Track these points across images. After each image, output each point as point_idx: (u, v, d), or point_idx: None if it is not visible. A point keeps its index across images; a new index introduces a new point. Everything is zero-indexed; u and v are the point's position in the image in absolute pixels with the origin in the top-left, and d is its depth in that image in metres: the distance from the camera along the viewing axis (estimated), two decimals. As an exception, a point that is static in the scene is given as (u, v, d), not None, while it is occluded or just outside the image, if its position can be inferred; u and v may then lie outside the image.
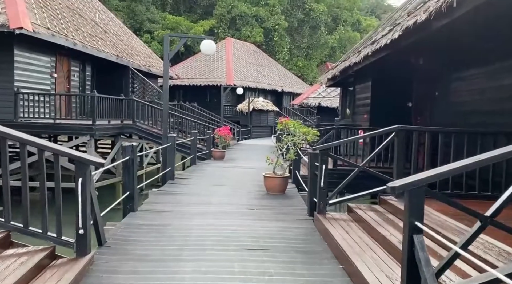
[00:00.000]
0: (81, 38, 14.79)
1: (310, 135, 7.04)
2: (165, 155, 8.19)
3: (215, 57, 35.55)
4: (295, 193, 7.40)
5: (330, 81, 13.23)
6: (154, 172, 19.19)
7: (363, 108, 11.08)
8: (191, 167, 10.91)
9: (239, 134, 25.56)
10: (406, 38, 6.48)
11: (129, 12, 40.52)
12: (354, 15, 53.84)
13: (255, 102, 27.57)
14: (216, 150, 13.53)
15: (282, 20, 43.26)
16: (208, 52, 8.05)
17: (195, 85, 32.50)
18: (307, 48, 48.56)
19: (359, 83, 11.51)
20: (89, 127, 12.54)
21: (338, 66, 11.30)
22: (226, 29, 42.13)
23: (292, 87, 39.49)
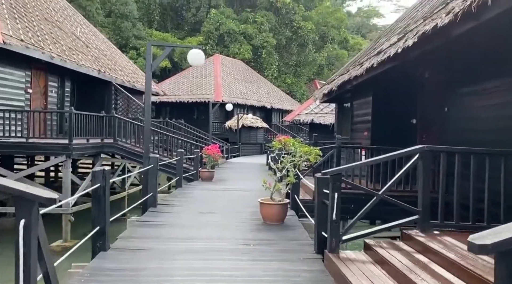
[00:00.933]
0: (59, 52, 13.84)
1: (312, 155, 6.16)
2: (146, 178, 7.20)
3: (203, 73, 34.86)
4: (295, 221, 6.46)
5: (325, 97, 12.49)
6: (137, 194, 18.05)
7: (362, 125, 10.30)
8: (176, 190, 9.90)
9: (228, 152, 24.62)
10: (421, 45, 5.73)
11: (115, 28, 39.78)
12: (342, 33, 54.03)
13: (244, 118, 26.76)
14: (204, 170, 12.56)
15: (271, 37, 42.99)
16: (196, 62, 7.19)
17: (182, 102, 31.64)
18: (295, 66, 48.31)
19: (357, 99, 10.76)
20: (65, 146, 11.48)
21: (335, 81, 10.56)
22: (214, 46, 41.62)
23: (281, 104, 38.90)
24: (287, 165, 6.18)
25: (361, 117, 10.44)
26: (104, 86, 17.81)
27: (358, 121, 10.70)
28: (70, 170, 11.61)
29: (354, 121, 11.08)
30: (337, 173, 4.30)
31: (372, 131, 9.61)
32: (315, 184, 4.81)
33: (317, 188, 4.78)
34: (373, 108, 9.60)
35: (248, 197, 9.04)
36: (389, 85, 9.36)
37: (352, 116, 11.26)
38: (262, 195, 9.20)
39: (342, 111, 12.64)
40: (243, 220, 6.57)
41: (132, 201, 18.13)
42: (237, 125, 26.71)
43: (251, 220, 6.52)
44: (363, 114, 10.32)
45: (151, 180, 7.18)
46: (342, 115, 12.66)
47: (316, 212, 4.82)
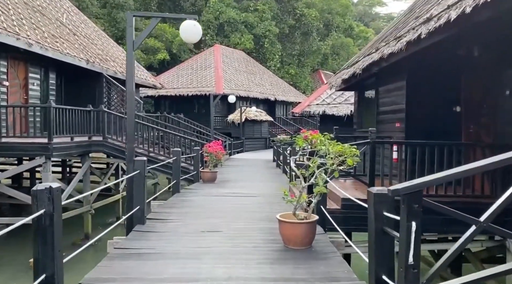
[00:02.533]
0: (39, 38, 12.21)
1: (350, 156, 4.55)
2: (131, 188, 5.61)
3: (203, 65, 33.17)
4: (327, 244, 4.85)
5: (343, 84, 10.84)
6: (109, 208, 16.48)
7: (393, 115, 8.67)
8: (173, 197, 8.30)
9: (231, 147, 23.03)
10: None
11: (110, 19, 38.03)
12: (347, 20, 52.12)
13: (247, 112, 25.13)
14: (206, 171, 10.97)
15: (273, 26, 41.15)
16: (191, 38, 5.56)
17: (182, 95, 30.02)
18: (299, 55, 46.53)
19: (385, 84, 9.11)
20: (44, 146, 9.90)
21: (358, 63, 8.91)
22: (214, 36, 39.86)
23: (285, 95, 37.21)
24: (317, 171, 4.57)
25: (391, 106, 8.80)
26: (94, 78, 16.21)
27: (387, 111, 9.06)
28: (50, 173, 10.04)
29: (381, 111, 9.44)
30: (415, 189, 2.69)
31: (406, 122, 7.98)
32: (371, 204, 3.20)
33: (373, 209, 3.17)
34: (407, 94, 7.96)
35: (259, 205, 7.45)
36: (427, 67, 7.72)
37: (377, 105, 9.62)
38: (275, 202, 7.63)
39: (363, 100, 11.00)
40: (256, 242, 4.97)
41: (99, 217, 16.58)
42: (240, 119, 25.09)
43: (267, 243, 4.92)
44: (393, 102, 8.68)
45: (138, 190, 5.58)
46: (363, 104, 11.02)
47: (373, 244, 3.22)
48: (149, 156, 12.15)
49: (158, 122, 16.26)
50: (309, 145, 4.70)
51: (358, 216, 6.41)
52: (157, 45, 36.43)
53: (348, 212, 6.42)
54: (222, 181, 11.34)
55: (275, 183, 11.18)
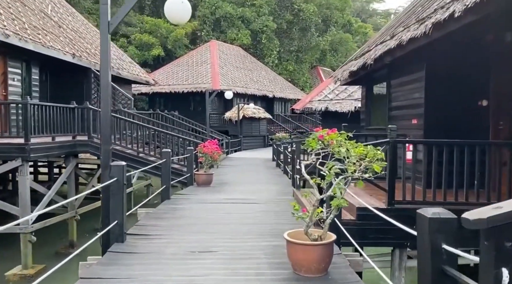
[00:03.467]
0: (17, 29, 11.21)
1: (375, 161, 3.61)
2: (107, 199, 4.67)
3: (199, 61, 32.17)
4: (346, 269, 3.91)
5: (349, 78, 9.90)
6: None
7: (408, 110, 7.75)
8: (161, 205, 7.35)
9: (229, 146, 22.09)
10: None
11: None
12: (345, 16, 51.10)
13: (245, 109, 24.19)
14: (201, 173, 10.03)
15: (270, 21, 40.13)
16: (178, 18, 4.60)
17: (177, 92, 29.03)
18: (297, 52, 45.53)
19: (399, 76, 8.19)
20: (20, 147, 8.93)
21: (370, 52, 7.99)
22: (210, 32, 38.81)
23: (283, 92, 36.29)
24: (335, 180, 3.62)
25: (406, 100, 7.88)
26: (82, 74, 15.23)
27: (400, 106, 8.14)
28: (28, 177, 9.07)
29: (393, 106, 8.52)
30: (510, 219, 1.75)
31: (425, 118, 7.06)
32: (424, 230, 2.27)
33: (429, 239, 2.25)
34: (426, 87, 7.04)
35: (261, 215, 6.51)
36: (450, 55, 6.80)
37: (389, 100, 8.69)
38: (280, 211, 6.69)
39: (372, 94, 10.07)
40: (259, 267, 4.03)
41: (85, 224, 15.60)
42: (237, 117, 24.14)
43: (273, 268, 3.98)
44: (408, 96, 7.76)
45: (115, 201, 4.64)
46: (372, 99, 10.09)
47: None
48: (139, 157, 11.20)
49: (150, 120, 15.28)
50: (323, 146, 3.75)
51: (375, 228, 5.51)
52: (151, 41, 35.38)
53: (365, 224, 5.52)
54: (219, 183, 10.40)
55: (277, 185, 10.26)
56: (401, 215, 4.54)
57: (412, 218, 4.17)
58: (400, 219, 3.18)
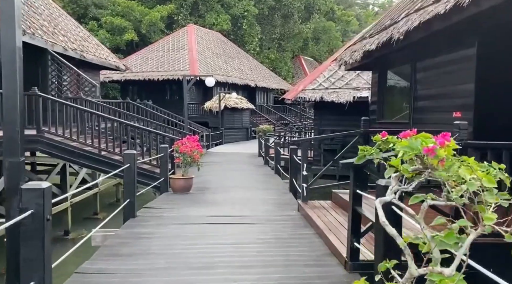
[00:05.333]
0: None
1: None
2: (14, 246, 2.73)
3: (176, 46, 29.82)
4: None
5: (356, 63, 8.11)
6: (89, 201, 13.48)
7: (447, 100, 6.04)
8: (123, 228, 5.40)
9: (209, 139, 20.13)
10: None
11: (71, -5, 33.90)
12: (328, 3, 49.35)
13: (227, 99, 22.22)
14: (177, 177, 8.10)
15: (251, 6, 37.96)
16: None
17: (152, 80, 26.70)
18: (279, 39, 43.63)
19: (431, 56, 6.45)
20: None
21: (394, 26, 6.21)
22: (188, 16, 36.35)
23: (266, 82, 34.41)
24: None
25: (442, 87, 6.16)
26: (37, 56, 12.93)
27: (433, 95, 6.42)
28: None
29: (421, 95, 6.80)
30: None
31: (476, 111, 5.35)
32: None
33: None
34: (478, 68, 5.32)
35: (266, 250, 4.57)
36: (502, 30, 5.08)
37: (414, 87, 6.96)
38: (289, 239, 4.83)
39: (385, 81, 8.32)
40: None
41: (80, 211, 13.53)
42: (218, 107, 22.14)
43: None
44: (447, 81, 6.04)
45: (30, 252, 2.71)
46: (386, 87, 8.34)
47: None
48: (101, 155, 9.16)
49: (117, 110, 13.15)
50: (421, 167, 1.91)
51: None
52: (124, 25, 32.68)
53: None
54: (200, 188, 8.51)
55: (271, 191, 8.45)
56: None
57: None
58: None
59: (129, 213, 5.71)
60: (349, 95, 12.89)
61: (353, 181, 3.73)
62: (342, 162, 3.72)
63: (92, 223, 14.16)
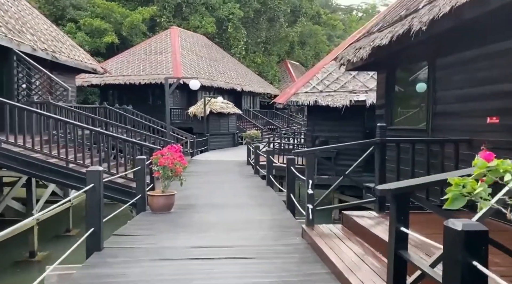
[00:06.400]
0: None
1: None
2: None
3: (158, 49, 28.56)
4: None
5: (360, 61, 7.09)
6: (58, 219, 12.09)
7: (478, 103, 5.06)
8: (83, 268, 4.21)
9: (194, 146, 18.94)
10: None
11: (47, -5, 32.30)
12: (314, 7, 48.78)
13: (212, 103, 21.08)
14: (157, 194, 6.92)
15: (237, 8, 36.96)
16: None
17: (133, 84, 25.36)
18: (265, 43, 42.73)
19: (457, 51, 5.47)
20: None
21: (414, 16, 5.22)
22: (171, 18, 35.14)
23: (252, 86, 33.40)
24: None
25: (472, 88, 5.18)
26: (2, 56, 11.63)
27: (459, 96, 5.43)
28: None
29: (441, 98, 5.81)
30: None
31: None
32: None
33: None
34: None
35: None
36: None
37: (433, 90, 5.98)
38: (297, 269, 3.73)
39: (394, 82, 7.32)
40: None
41: (49, 228, 12.16)
42: (203, 112, 20.97)
43: None
44: (478, 80, 5.06)
45: None
46: (396, 89, 7.35)
47: None
48: (68, 168, 7.93)
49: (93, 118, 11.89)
50: None
51: None
52: (103, 27, 31.23)
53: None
54: (183, 206, 7.35)
55: (267, 208, 7.35)
56: None
57: None
58: None
59: (93, 245, 4.52)
60: (345, 99, 11.94)
61: (395, 214, 2.67)
62: (380, 189, 2.66)
63: (64, 241, 12.78)
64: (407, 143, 5.22)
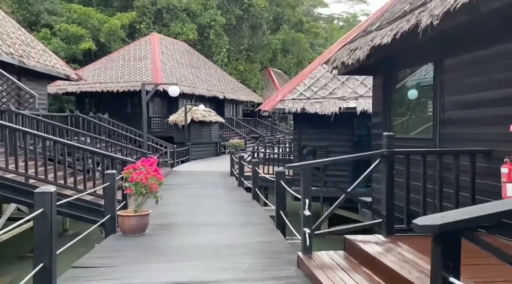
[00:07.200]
0: None
1: None
2: None
3: (137, 56, 27.58)
4: None
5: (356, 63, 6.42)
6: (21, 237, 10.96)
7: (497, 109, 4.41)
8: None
9: (174, 156, 18.01)
10: None
11: (20, 0, 30.97)
12: (297, 14, 48.59)
13: (194, 111, 20.24)
14: (128, 214, 6.04)
15: (219, 15, 36.32)
16: None
17: (110, 91, 24.29)
18: (248, 51, 42.15)
19: (469, 50, 4.84)
20: None
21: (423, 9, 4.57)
22: (151, 24, 34.20)
23: (235, 93, 32.67)
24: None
25: (489, 91, 4.54)
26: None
27: (473, 101, 4.79)
28: None
29: (451, 103, 5.17)
30: None
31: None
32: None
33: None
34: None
35: None
36: None
37: (440, 93, 5.33)
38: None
39: (392, 86, 6.67)
40: None
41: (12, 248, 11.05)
42: (184, 120, 20.08)
43: None
44: (496, 82, 4.43)
45: None
46: (391, 94, 6.70)
47: None
48: (28, 184, 6.97)
49: (63, 128, 10.89)
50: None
51: None
52: (80, 33, 30.08)
53: None
54: (159, 226, 6.49)
55: (252, 225, 6.56)
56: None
57: None
58: None
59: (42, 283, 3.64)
60: (334, 106, 11.30)
61: (441, 259, 1.94)
62: (420, 224, 1.92)
63: (29, 263, 11.69)
64: (417, 154, 4.52)
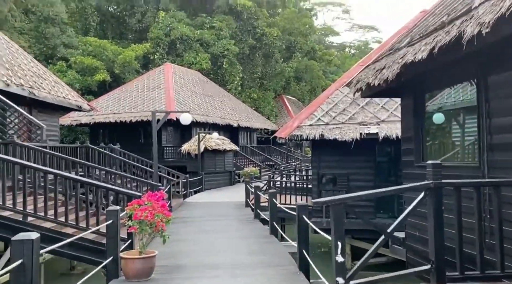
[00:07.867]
0: None
1: None
2: None
3: (151, 85, 27.57)
4: None
5: (382, 84, 5.80)
6: None
7: None
8: None
9: (187, 187, 17.41)
10: None
11: (38, 35, 31.70)
12: (309, 42, 48.71)
13: (207, 140, 19.75)
14: (132, 257, 5.37)
15: (232, 45, 36.52)
16: None
17: (124, 122, 24.11)
18: (261, 78, 42.13)
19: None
20: None
21: (463, 19, 3.96)
22: (165, 55, 34.50)
23: (249, 121, 32.26)
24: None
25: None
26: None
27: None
28: None
29: (500, 125, 4.46)
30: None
31: None
32: None
33: None
34: None
35: None
36: None
37: (486, 115, 4.63)
38: None
39: (422, 108, 6.00)
40: None
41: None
42: (197, 149, 19.59)
43: None
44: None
45: None
46: (420, 119, 6.00)
47: None
48: (26, 223, 6.39)
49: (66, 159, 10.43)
50: None
51: None
52: (95, 64, 30.41)
53: None
54: (166, 269, 5.78)
55: (272, 266, 5.78)
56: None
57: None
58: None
59: None
60: (354, 131, 10.63)
61: None
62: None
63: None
64: (470, 186, 3.79)
